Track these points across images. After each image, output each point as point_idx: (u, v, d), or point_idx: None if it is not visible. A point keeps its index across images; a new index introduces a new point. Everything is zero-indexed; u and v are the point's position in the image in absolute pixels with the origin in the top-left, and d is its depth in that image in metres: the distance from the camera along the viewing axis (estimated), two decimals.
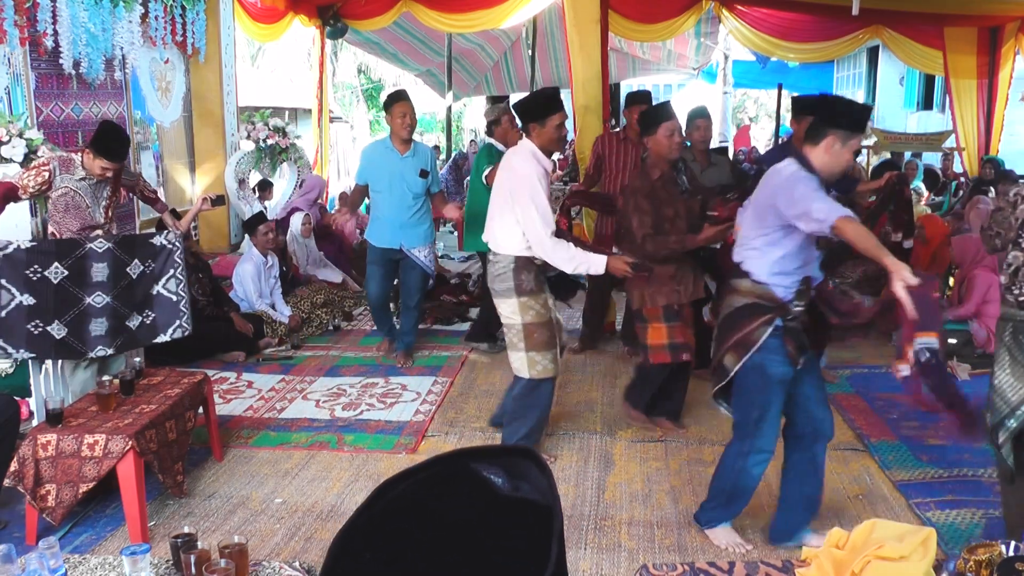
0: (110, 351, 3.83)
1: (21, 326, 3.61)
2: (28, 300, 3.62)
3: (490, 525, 0.70)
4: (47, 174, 3.80)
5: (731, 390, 3.02)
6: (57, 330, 3.70)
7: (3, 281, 3.59)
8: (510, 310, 3.62)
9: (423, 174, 5.19)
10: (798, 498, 3.06)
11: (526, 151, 3.58)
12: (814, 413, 3.00)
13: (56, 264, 3.65)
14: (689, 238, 3.86)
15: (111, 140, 3.84)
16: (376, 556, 0.69)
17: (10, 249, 3.53)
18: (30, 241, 3.77)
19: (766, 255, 2.87)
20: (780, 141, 8.71)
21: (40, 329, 3.67)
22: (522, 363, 3.65)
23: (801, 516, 3.08)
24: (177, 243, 3.93)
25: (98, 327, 3.80)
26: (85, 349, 3.80)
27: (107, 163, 3.82)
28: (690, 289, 4.03)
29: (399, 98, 5.25)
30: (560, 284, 4.19)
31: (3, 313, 3.60)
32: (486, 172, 5.28)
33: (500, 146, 5.34)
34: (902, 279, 2.42)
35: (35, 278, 3.64)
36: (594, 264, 3.49)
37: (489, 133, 5.59)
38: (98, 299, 3.80)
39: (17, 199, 3.91)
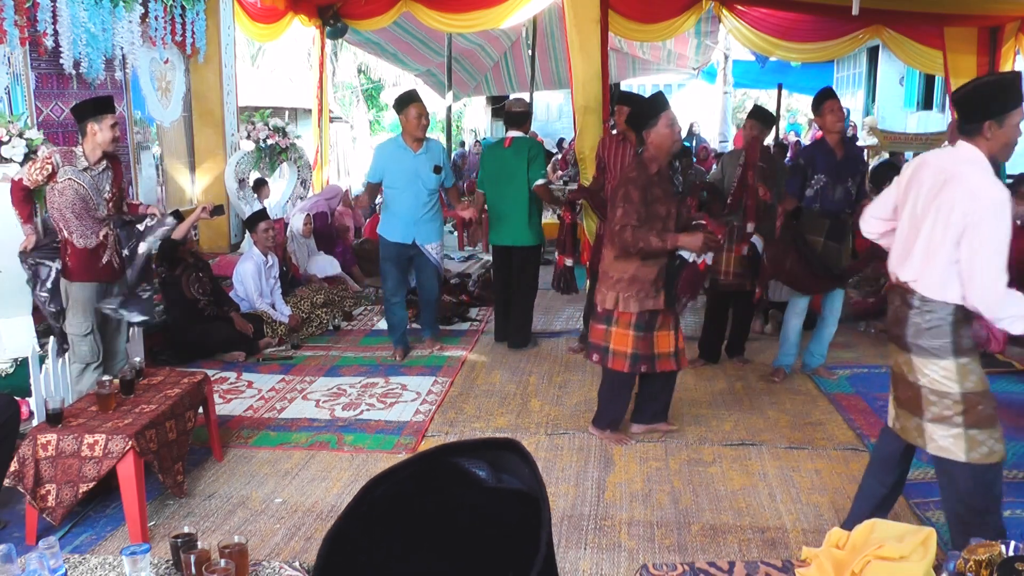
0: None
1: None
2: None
3: (477, 518, 0.70)
4: (50, 167, 3.84)
5: None
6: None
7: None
8: (943, 374, 2.76)
9: (436, 170, 5.37)
10: None
11: (978, 162, 2.65)
12: None
13: None
14: (671, 236, 3.72)
15: (96, 100, 3.99)
16: (368, 558, 0.68)
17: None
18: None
19: None
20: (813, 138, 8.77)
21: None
22: (958, 442, 2.76)
23: None
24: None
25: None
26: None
27: (112, 118, 3.93)
28: (664, 297, 3.86)
29: (413, 99, 5.42)
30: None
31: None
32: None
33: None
34: None
35: None
36: None
37: (514, 126, 5.58)
38: None
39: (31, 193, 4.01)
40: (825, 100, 4.75)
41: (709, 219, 4.17)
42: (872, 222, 3.10)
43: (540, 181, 5.48)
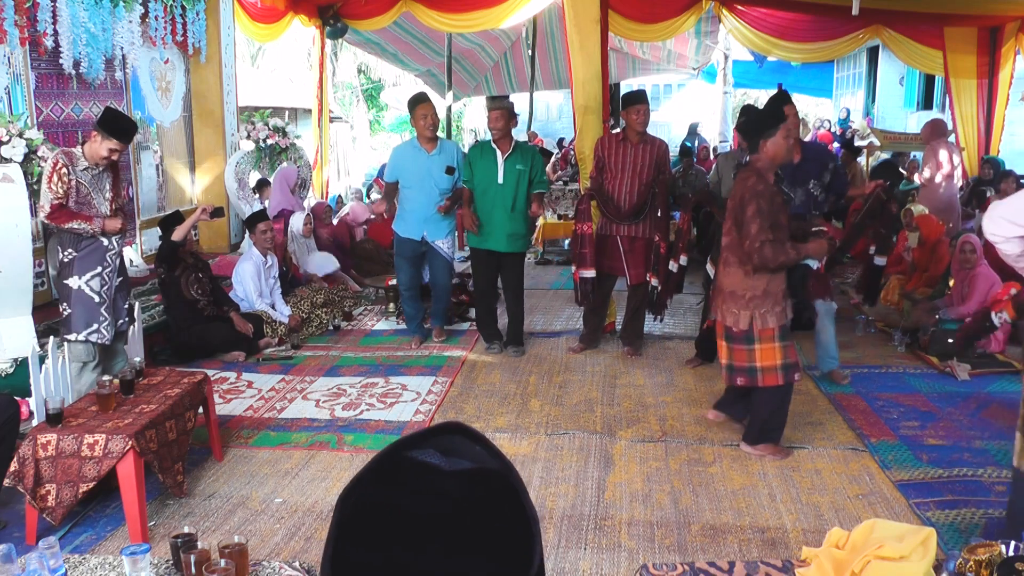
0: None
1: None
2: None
3: (452, 503, 0.70)
4: (64, 169, 3.80)
5: None
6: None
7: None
8: None
9: (449, 171, 5.53)
10: None
11: None
12: None
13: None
14: (802, 247, 3.65)
15: (119, 121, 3.89)
16: (376, 567, 0.68)
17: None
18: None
19: None
20: None
21: None
22: None
23: None
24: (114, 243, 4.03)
25: None
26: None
27: (116, 143, 3.84)
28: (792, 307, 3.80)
29: (420, 100, 5.57)
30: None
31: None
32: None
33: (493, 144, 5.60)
34: None
35: None
36: None
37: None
38: None
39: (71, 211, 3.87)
40: (780, 105, 4.64)
41: (829, 225, 4.16)
42: (1001, 223, 2.76)
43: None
